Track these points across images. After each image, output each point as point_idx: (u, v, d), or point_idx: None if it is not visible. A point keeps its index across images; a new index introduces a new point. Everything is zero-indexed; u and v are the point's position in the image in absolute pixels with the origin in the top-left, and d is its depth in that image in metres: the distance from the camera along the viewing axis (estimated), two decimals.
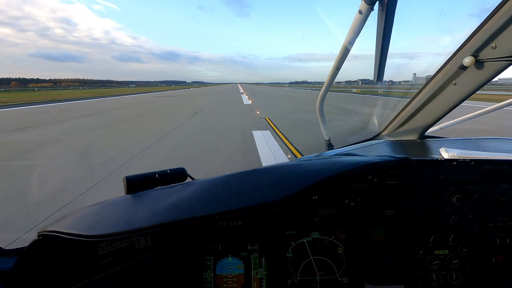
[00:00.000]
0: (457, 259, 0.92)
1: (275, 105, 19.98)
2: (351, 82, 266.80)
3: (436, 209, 0.92)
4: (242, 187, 0.71)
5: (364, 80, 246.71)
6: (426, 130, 1.41)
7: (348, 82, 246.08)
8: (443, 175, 0.91)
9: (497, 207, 0.93)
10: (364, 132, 1.93)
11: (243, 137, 7.07)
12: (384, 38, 0.87)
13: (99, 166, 4.71)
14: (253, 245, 0.91)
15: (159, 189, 0.76)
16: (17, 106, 19.40)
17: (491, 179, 0.92)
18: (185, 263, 0.87)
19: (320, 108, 1.39)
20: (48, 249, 0.65)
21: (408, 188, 0.91)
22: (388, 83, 11.30)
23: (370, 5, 0.78)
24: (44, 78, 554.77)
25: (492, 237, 0.93)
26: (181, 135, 7.59)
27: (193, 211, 0.63)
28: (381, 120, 1.66)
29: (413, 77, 3.70)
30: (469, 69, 1.00)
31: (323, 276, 0.90)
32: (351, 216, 0.92)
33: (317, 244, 0.92)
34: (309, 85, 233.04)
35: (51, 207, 3.01)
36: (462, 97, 1.11)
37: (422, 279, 0.91)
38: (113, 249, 0.74)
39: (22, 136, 7.82)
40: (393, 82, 11.92)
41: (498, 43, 0.87)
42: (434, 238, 0.93)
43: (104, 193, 3.41)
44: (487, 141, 1.31)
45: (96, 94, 36.96)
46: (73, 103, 22.58)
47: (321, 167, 0.78)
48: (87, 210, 0.69)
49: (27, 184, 3.89)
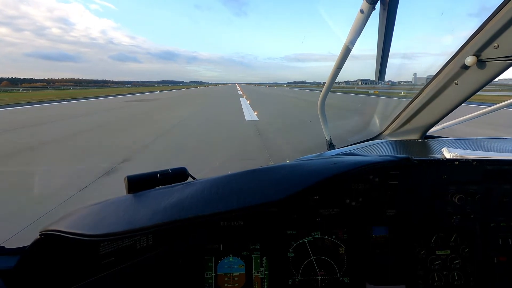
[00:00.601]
0: (458, 259, 0.92)
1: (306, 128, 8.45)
2: (350, 82, 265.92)
3: (437, 209, 0.92)
4: (243, 187, 0.71)
5: (364, 80, 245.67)
6: (427, 130, 1.41)
7: (348, 82, 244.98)
8: (445, 175, 0.91)
9: (499, 207, 0.92)
10: (366, 132, 1.90)
11: None
12: (385, 38, 0.87)
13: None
14: (254, 245, 0.91)
15: (160, 188, 0.76)
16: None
17: (493, 179, 0.91)
18: (186, 263, 0.87)
19: (321, 107, 1.39)
20: (50, 248, 0.65)
21: (410, 188, 0.91)
22: (388, 83, 10.70)
23: (372, 4, 0.78)
24: (37, 78, 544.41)
25: (494, 237, 0.93)
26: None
27: (194, 211, 0.63)
28: (383, 120, 1.66)
29: (413, 77, 3.65)
30: (471, 68, 0.99)
31: (324, 276, 0.90)
32: (353, 216, 0.92)
33: (318, 244, 0.92)
34: (309, 85, 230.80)
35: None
36: (464, 97, 1.11)
37: (424, 279, 0.91)
38: (115, 248, 0.74)
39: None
40: (393, 82, 11.60)
41: (500, 42, 0.87)
42: (435, 238, 0.93)
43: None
44: (489, 141, 1.31)
45: (73, 96, 32.39)
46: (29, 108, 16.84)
47: (322, 167, 0.78)
48: (88, 210, 0.69)
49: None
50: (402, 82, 18.31)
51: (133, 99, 26.50)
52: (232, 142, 6.62)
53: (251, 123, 9.55)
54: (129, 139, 6.94)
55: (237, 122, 9.84)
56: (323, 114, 1.42)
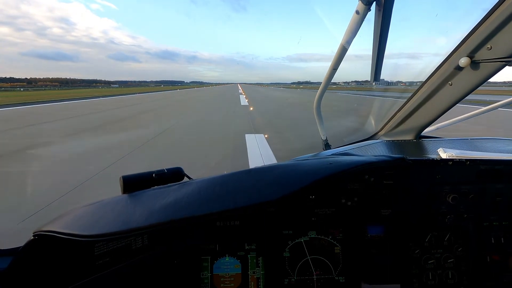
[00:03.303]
0: (452, 258, 0.93)
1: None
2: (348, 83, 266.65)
3: (432, 209, 0.93)
4: (239, 187, 0.71)
5: (359, 82, 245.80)
6: (422, 130, 1.42)
7: (345, 83, 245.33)
8: (439, 175, 0.92)
9: (492, 206, 0.94)
10: (361, 132, 1.88)
11: None
12: (381, 39, 0.88)
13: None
14: (250, 245, 0.91)
15: (156, 188, 0.76)
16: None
17: (487, 179, 0.93)
18: (182, 263, 0.87)
19: (317, 108, 1.39)
20: (43, 249, 0.64)
21: (405, 187, 0.92)
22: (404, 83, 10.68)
23: (367, 5, 0.79)
24: (19, 77, 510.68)
25: (487, 237, 0.94)
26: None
27: (190, 211, 0.63)
28: (378, 120, 1.68)
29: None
30: (465, 69, 1.01)
31: (320, 275, 0.91)
32: (348, 216, 0.92)
33: (314, 244, 0.92)
34: (313, 86, 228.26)
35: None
36: (458, 97, 1.12)
37: (418, 278, 0.91)
38: (110, 249, 0.73)
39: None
40: (388, 82, 11.60)
41: (493, 44, 0.88)
42: (430, 237, 0.94)
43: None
44: (482, 141, 1.33)
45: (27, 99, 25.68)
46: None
47: (318, 166, 0.78)
48: (83, 210, 0.68)
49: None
50: (397, 82, 18.54)
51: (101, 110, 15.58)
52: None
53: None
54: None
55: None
56: (319, 114, 1.43)
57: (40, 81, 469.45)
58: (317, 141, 1.57)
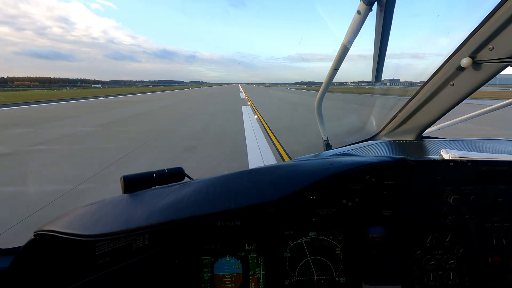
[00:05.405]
0: (454, 259, 0.93)
1: None
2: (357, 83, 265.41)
3: (433, 210, 0.92)
4: (239, 187, 0.71)
5: (392, 80, 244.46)
6: (423, 131, 1.42)
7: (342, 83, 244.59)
8: (440, 176, 0.91)
9: (493, 207, 0.93)
10: (362, 132, 1.90)
11: None
12: (382, 39, 0.88)
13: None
14: (251, 245, 0.91)
15: (156, 188, 0.76)
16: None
17: (488, 180, 0.92)
18: (182, 263, 0.87)
19: (318, 108, 1.39)
20: (44, 248, 0.64)
21: (406, 188, 0.91)
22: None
23: (369, 5, 0.79)
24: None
25: (488, 238, 0.94)
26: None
27: (190, 211, 0.63)
28: (379, 121, 1.67)
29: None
30: (467, 70, 1.00)
31: (321, 276, 0.90)
32: (349, 216, 0.92)
33: (315, 244, 0.92)
34: (317, 86, 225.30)
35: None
36: (459, 98, 1.12)
37: (419, 279, 0.91)
38: (110, 248, 0.73)
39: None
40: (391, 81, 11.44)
41: (495, 44, 0.88)
42: (431, 238, 0.93)
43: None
44: (484, 142, 1.32)
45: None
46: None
47: (319, 167, 0.78)
48: (84, 210, 0.68)
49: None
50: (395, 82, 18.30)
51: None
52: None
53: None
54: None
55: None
56: (320, 114, 1.43)
57: (17, 81, 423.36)
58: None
